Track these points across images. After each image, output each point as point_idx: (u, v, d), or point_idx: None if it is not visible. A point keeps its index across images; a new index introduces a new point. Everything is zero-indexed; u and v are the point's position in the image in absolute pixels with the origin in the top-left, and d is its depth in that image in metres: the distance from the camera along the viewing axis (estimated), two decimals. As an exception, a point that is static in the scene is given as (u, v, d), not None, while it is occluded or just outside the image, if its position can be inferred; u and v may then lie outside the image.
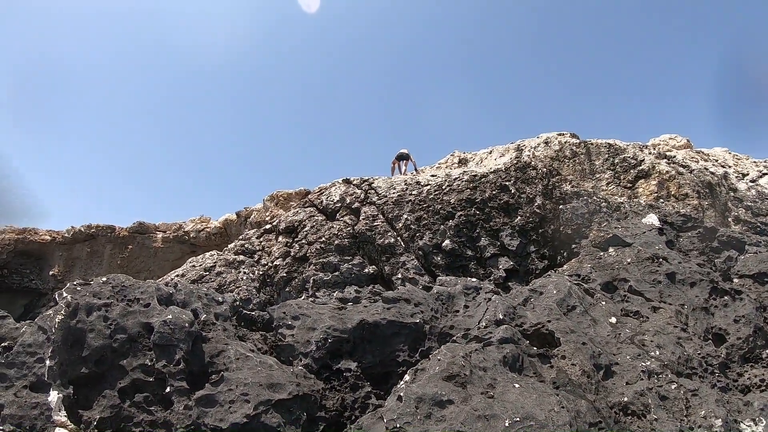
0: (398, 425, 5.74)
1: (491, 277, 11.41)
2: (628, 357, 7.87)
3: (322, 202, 13.60)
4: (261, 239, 13.18)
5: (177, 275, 12.31)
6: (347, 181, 14.30)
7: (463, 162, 18.04)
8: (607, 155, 14.94)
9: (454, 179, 13.65)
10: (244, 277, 11.90)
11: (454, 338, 7.88)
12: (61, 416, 5.99)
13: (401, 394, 6.25)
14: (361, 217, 12.84)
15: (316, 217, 13.09)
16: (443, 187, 13.41)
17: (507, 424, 5.69)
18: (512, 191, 13.18)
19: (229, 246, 13.60)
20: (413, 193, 13.33)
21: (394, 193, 13.39)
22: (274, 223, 13.50)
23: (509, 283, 11.27)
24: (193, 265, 12.53)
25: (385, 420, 5.91)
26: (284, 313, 8.65)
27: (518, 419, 5.79)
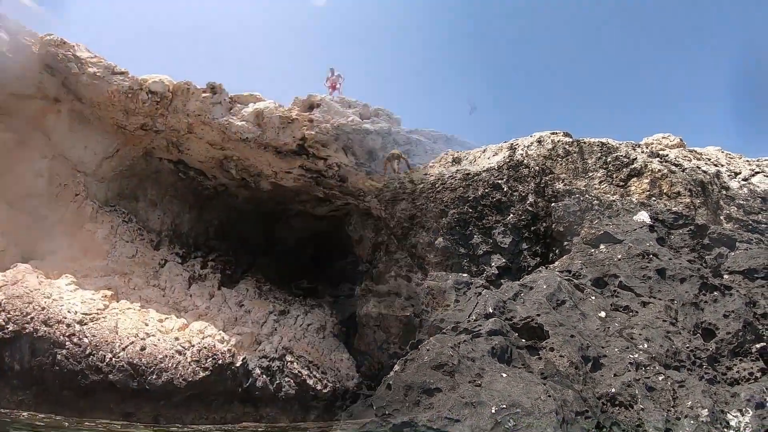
0: (387, 412, 5.81)
1: (484, 275, 11.46)
2: (616, 350, 7.95)
3: (316, 200, 13.69)
4: (255, 237, 13.26)
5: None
6: (342, 180, 14.36)
7: (456, 161, 18.03)
8: (599, 154, 14.99)
9: (448, 177, 13.73)
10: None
11: (444, 331, 7.95)
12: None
13: (390, 382, 6.33)
14: (355, 215, 12.93)
15: (311, 215, 13.18)
16: (436, 186, 13.50)
17: (493, 411, 5.76)
18: (505, 189, 13.27)
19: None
20: (406, 191, 13.42)
21: (387, 191, 13.47)
22: (269, 222, 13.58)
23: (501, 281, 11.31)
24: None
25: (374, 407, 5.99)
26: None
27: (505, 406, 5.86)
